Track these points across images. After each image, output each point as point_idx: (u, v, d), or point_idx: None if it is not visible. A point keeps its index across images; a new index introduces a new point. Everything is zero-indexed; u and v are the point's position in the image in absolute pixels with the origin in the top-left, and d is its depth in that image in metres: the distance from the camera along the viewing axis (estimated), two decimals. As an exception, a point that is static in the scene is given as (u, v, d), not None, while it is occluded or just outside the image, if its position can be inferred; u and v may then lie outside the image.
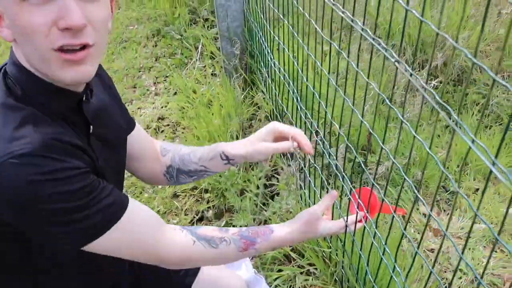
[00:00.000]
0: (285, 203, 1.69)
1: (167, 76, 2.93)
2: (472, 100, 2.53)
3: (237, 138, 2.04)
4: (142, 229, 0.97)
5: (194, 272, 1.45)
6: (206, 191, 2.05)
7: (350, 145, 1.26)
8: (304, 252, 1.65)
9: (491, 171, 0.69)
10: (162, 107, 2.68)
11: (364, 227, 1.23)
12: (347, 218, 1.20)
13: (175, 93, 2.76)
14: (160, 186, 2.20)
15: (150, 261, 1.03)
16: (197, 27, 3.15)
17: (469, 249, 1.88)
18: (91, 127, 0.97)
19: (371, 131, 1.16)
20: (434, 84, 2.38)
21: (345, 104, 1.22)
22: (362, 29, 1.04)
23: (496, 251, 1.87)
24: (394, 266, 1.09)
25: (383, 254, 1.14)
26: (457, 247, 0.84)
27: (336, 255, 1.47)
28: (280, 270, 1.70)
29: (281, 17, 1.75)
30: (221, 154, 1.19)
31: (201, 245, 1.04)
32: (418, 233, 1.95)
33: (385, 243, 1.11)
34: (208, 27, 3.15)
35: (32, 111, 0.83)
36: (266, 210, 1.83)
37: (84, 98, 0.94)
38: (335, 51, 1.18)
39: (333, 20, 1.20)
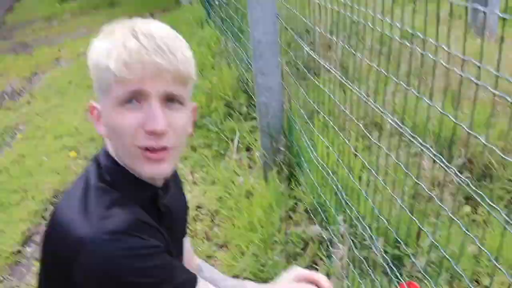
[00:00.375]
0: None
1: (203, 166, 3.09)
2: (498, 195, 2.63)
3: (279, 230, 2.14)
4: None
5: None
6: (249, 279, 2.13)
7: (398, 238, 1.37)
8: None
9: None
10: (200, 196, 2.81)
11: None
12: None
13: (212, 183, 2.91)
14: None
15: None
16: (233, 120, 3.36)
17: None
18: (162, 219, 1.09)
19: (421, 227, 1.28)
20: (462, 179, 2.50)
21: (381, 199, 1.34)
22: (412, 136, 1.19)
23: None
24: None
25: None
26: None
27: None
28: None
29: (324, 115, 1.93)
30: None
31: None
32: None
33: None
34: (243, 119, 3.35)
35: (119, 195, 0.95)
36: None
37: (161, 193, 1.07)
38: (366, 145, 1.32)
39: (366, 116, 1.36)
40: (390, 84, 1.53)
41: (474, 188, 1.00)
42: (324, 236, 1.99)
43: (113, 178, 0.98)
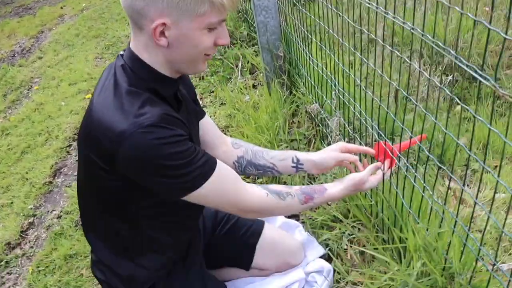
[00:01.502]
0: (331, 172, 2.02)
1: (212, 91, 3.32)
2: (486, 92, 2.85)
3: (283, 131, 2.38)
4: (229, 182, 1.27)
5: (258, 233, 1.76)
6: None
7: (393, 117, 1.60)
8: (349, 213, 1.96)
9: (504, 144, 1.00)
10: (210, 116, 3.05)
11: (398, 168, 1.54)
12: (384, 168, 1.52)
13: (221, 104, 3.14)
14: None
15: (232, 210, 1.33)
16: (235, 47, 3.56)
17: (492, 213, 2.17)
18: (181, 107, 1.31)
19: (398, 87, 1.49)
20: (450, 79, 2.72)
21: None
22: (434, 42, 1.39)
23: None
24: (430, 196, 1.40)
25: (423, 192, 1.45)
26: (486, 210, 1.14)
27: (377, 205, 1.78)
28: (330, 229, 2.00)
29: (322, 24, 2.12)
30: (293, 157, 1.52)
31: (273, 197, 1.34)
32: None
33: (424, 181, 1.43)
34: (245, 46, 3.55)
35: (149, 95, 1.16)
36: (312, 183, 2.15)
37: (179, 86, 1.30)
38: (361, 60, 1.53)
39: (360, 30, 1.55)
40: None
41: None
42: (321, 125, 2.22)
43: (143, 80, 1.18)
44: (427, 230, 1.51)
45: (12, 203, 3.16)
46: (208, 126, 1.57)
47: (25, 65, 5.36)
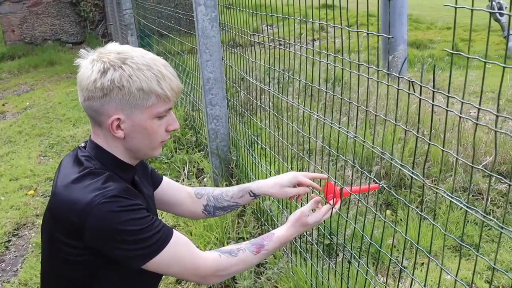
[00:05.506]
0: (276, 268, 2.19)
1: (159, 192, 3.46)
2: (411, 199, 3.19)
3: (232, 229, 2.55)
4: (184, 250, 1.37)
5: None
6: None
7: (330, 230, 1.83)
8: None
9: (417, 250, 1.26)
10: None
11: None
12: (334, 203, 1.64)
13: (168, 204, 3.28)
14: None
15: (192, 277, 1.42)
16: (182, 152, 3.78)
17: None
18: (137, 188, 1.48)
19: (342, 186, 1.74)
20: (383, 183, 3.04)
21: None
22: (337, 152, 1.67)
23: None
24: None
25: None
26: None
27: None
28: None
29: (257, 140, 2.40)
30: (249, 192, 1.68)
31: (225, 257, 1.44)
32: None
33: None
34: (190, 152, 3.78)
35: (111, 174, 1.32)
36: (261, 278, 2.30)
37: (136, 171, 1.46)
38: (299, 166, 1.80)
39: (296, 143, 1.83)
40: (313, 119, 2.01)
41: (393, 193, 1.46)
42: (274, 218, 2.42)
43: (103, 165, 1.34)
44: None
45: None
46: (170, 187, 1.69)
47: (-39, 159, 5.27)
